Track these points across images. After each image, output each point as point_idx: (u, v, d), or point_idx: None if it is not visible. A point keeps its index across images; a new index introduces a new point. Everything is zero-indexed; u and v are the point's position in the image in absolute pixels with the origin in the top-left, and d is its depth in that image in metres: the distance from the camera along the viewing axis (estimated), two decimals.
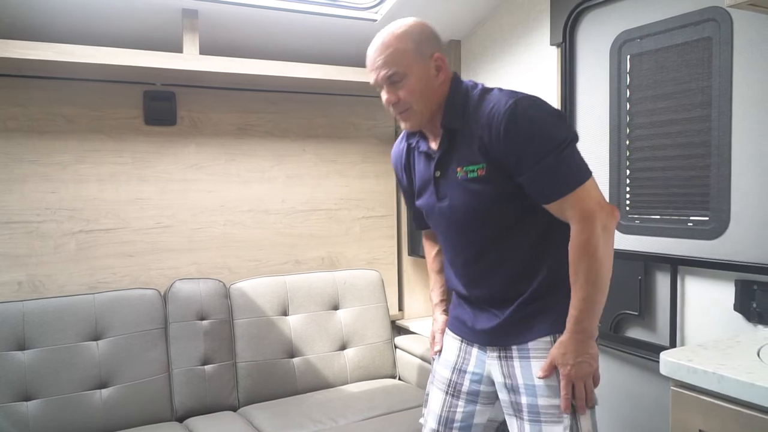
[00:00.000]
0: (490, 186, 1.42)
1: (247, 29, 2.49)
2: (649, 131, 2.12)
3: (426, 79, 1.47)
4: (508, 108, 1.37)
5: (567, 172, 1.36)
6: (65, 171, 2.38)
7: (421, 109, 1.48)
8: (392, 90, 1.47)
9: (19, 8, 2.13)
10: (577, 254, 1.37)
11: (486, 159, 1.41)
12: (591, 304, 1.38)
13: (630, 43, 2.14)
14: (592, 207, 1.36)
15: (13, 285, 2.31)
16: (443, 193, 1.51)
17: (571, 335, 1.39)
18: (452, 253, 1.60)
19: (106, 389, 2.23)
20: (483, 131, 1.40)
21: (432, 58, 1.48)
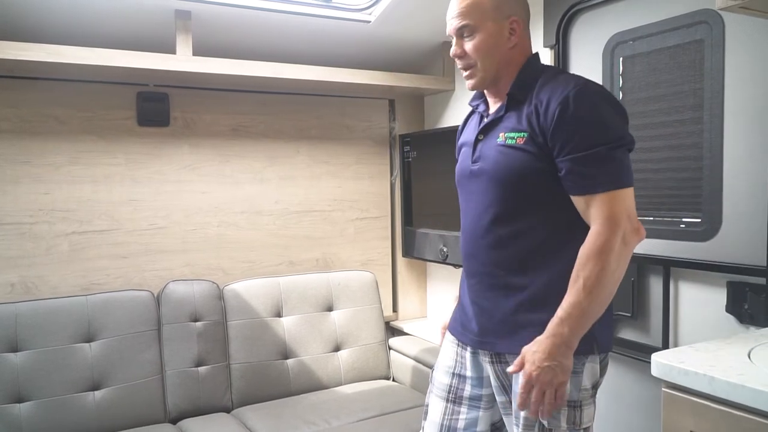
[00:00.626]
0: (525, 156, 1.37)
1: (241, 30, 2.48)
2: (641, 133, 2.12)
3: (497, 39, 1.43)
4: (578, 86, 1.34)
5: (610, 170, 1.31)
6: (58, 172, 2.38)
7: (485, 68, 1.44)
8: (460, 43, 1.45)
9: (11, 9, 2.12)
10: (586, 256, 1.29)
11: (530, 128, 1.37)
12: (579, 312, 1.28)
13: (623, 45, 2.15)
14: (620, 214, 1.29)
15: (6, 286, 2.30)
16: (478, 155, 1.48)
17: (549, 336, 1.29)
18: (468, 225, 1.52)
19: (100, 391, 2.23)
20: (541, 101, 1.36)
21: (508, 19, 1.44)
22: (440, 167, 2.83)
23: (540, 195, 1.39)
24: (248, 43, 2.57)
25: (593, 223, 1.31)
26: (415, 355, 2.69)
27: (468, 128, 1.61)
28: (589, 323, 1.30)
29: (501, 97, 1.48)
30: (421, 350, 2.70)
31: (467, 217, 1.54)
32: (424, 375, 2.60)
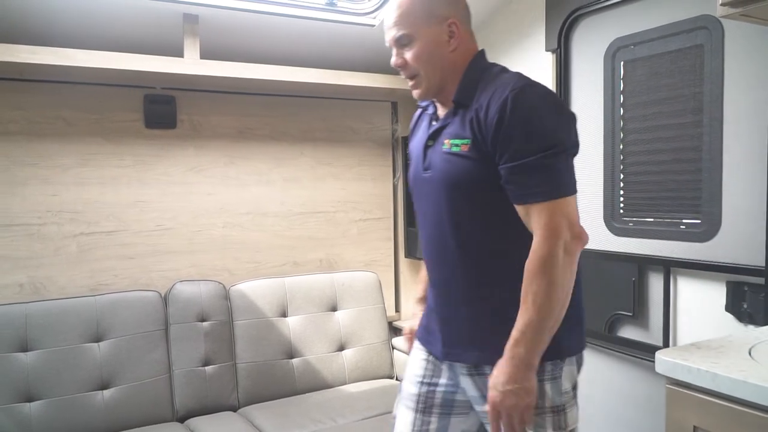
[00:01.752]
0: (469, 164, 1.33)
1: (247, 34, 2.52)
2: (642, 136, 2.16)
3: (435, 45, 1.37)
4: (516, 91, 1.28)
5: (549, 179, 1.26)
6: (66, 174, 2.40)
7: (429, 76, 1.39)
8: (399, 53, 1.40)
9: (21, 12, 2.15)
10: (531, 271, 1.25)
11: (473, 135, 1.32)
12: (532, 330, 1.24)
13: (624, 50, 2.19)
14: (559, 224, 1.25)
15: (15, 287, 2.33)
16: (428, 163, 1.43)
17: (507, 360, 1.26)
18: (426, 234, 1.48)
19: (108, 390, 2.25)
20: (481, 107, 1.31)
21: (446, 22, 1.37)
22: None
23: (491, 203, 1.34)
24: (254, 46, 2.60)
25: (534, 234, 1.28)
26: None
27: (418, 131, 1.55)
28: (546, 339, 1.27)
29: (449, 103, 1.43)
30: None
31: (425, 224, 1.48)
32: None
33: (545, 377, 1.34)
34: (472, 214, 1.36)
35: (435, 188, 1.40)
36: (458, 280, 1.41)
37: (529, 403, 1.26)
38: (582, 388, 2.34)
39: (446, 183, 1.37)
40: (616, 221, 2.23)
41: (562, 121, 1.33)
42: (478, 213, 1.36)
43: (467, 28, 1.42)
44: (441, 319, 1.46)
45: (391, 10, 1.39)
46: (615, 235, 2.23)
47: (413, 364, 1.56)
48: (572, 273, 1.29)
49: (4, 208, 2.31)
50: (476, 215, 1.36)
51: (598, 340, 2.28)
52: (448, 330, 1.44)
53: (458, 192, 1.36)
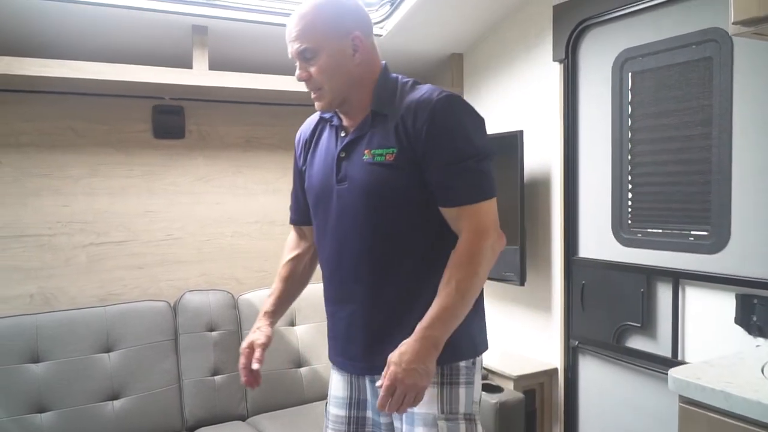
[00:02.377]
0: (395, 173, 1.33)
1: (255, 44, 2.52)
2: (650, 147, 2.17)
3: (340, 59, 1.36)
4: (441, 99, 1.32)
5: (478, 182, 1.32)
6: (77, 185, 2.41)
7: (333, 90, 1.37)
8: (304, 66, 1.37)
9: (32, 26, 2.16)
10: (459, 261, 1.29)
11: (399, 144, 1.33)
12: (450, 315, 1.27)
13: (632, 61, 2.20)
14: (489, 224, 1.31)
15: (26, 298, 2.34)
16: (344, 174, 1.40)
17: (418, 339, 1.25)
18: (337, 248, 1.43)
19: (118, 400, 2.26)
20: (407, 115, 1.33)
21: (349, 36, 1.36)
22: None
23: (416, 210, 1.36)
24: (262, 56, 2.60)
25: (463, 233, 1.31)
26: None
27: (323, 143, 1.49)
28: (456, 325, 1.29)
29: (355, 115, 1.42)
30: None
31: (332, 237, 1.44)
32: None
33: (460, 380, 1.37)
34: (397, 222, 1.36)
35: (353, 200, 1.38)
36: (379, 292, 1.38)
37: (425, 386, 1.25)
38: (589, 397, 2.36)
39: (368, 193, 1.36)
40: (624, 232, 2.24)
41: (483, 129, 1.39)
42: (403, 221, 1.36)
43: (371, 40, 1.42)
44: (362, 335, 1.42)
45: (294, 23, 1.36)
46: (623, 245, 2.24)
47: (336, 386, 1.52)
48: (490, 268, 1.33)
49: (16, 218, 2.32)
50: (401, 223, 1.36)
51: (607, 351, 2.29)
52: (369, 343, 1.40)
53: (382, 201, 1.35)
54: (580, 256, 2.40)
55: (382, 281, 1.38)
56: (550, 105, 2.48)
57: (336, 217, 1.42)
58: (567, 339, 2.44)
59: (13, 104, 2.30)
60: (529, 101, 2.59)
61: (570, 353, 2.44)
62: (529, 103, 2.60)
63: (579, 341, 2.40)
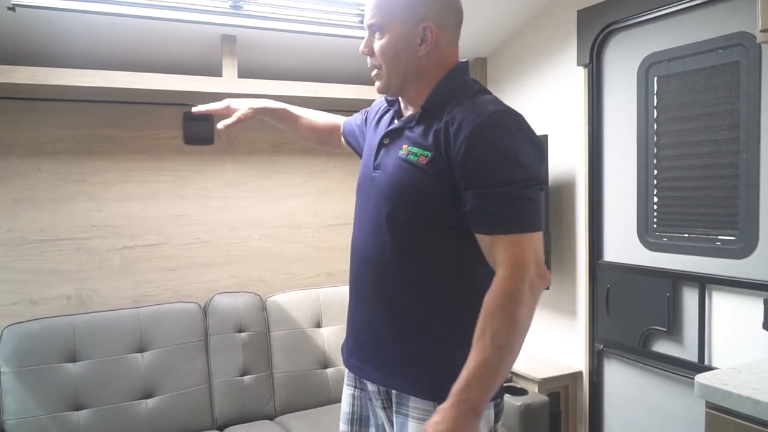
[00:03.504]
0: (424, 178, 1.23)
1: (283, 52, 2.57)
2: (676, 152, 2.17)
3: (404, 45, 1.26)
4: (496, 113, 1.20)
5: (521, 211, 1.17)
6: (110, 190, 2.49)
7: (390, 74, 1.29)
8: (369, 40, 1.30)
9: (68, 37, 2.23)
10: (493, 306, 1.13)
11: (435, 149, 1.22)
12: (489, 373, 1.11)
13: (657, 65, 2.20)
14: (528, 259, 1.15)
15: (63, 299, 2.42)
16: (380, 162, 1.33)
17: (454, 404, 1.10)
18: (360, 233, 1.36)
19: (152, 399, 2.32)
20: (451, 122, 1.21)
21: (420, 24, 1.25)
22: None
23: (435, 222, 1.24)
24: (289, 64, 2.65)
25: (499, 267, 1.16)
26: None
27: (380, 125, 1.42)
28: (499, 383, 1.16)
29: (412, 106, 1.34)
30: None
31: (361, 225, 1.37)
32: None
33: None
34: (411, 230, 1.26)
35: (379, 192, 1.30)
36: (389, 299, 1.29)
37: None
38: (614, 401, 2.36)
39: (393, 190, 1.27)
40: (649, 236, 2.24)
41: (538, 153, 1.24)
42: (417, 230, 1.26)
43: (449, 36, 1.31)
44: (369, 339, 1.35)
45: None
46: (648, 249, 2.24)
47: (344, 400, 1.47)
48: (533, 313, 1.17)
49: (53, 223, 2.40)
50: (415, 232, 1.26)
51: (632, 355, 2.29)
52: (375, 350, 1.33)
53: (403, 203, 1.26)
54: (605, 260, 2.40)
55: (389, 288, 1.28)
56: (575, 109, 2.48)
57: (365, 203, 1.36)
58: (592, 342, 2.45)
59: (50, 113, 2.38)
60: (553, 105, 2.60)
61: (595, 357, 2.45)
62: (553, 107, 2.60)
63: (604, 345, 2.41)
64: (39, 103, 2.36)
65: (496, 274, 1.16)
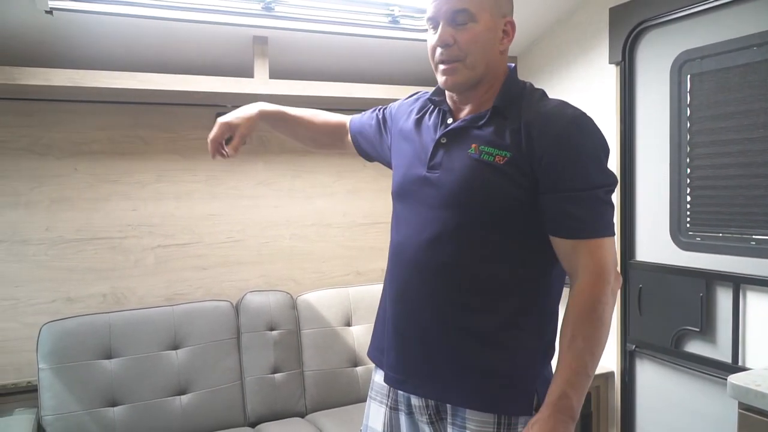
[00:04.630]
0: (501, 178, 1.18)
1: (313, 53, 2.59)
2: (710, 150, 2.14)
3: (491, 36, 1.23)
4: (578, 116, 1.20)
5: (603, 216, 1.17)
6: (144, 190, 2.54)
7: (474, 66, 1.22)
8: (450, 30, 1.21)
9: (104, 40, 2.28)
10: (583, 313, 1.13)
11: (515, 149, 1.18)
12: (585, 378, 1.13)
13: (691, 63, 2.17)
14: (609, 264, 1.16)
15: (99, 297, 2.47)
16: (438, 162, 1.26)
17: (554, 413, 1.10)
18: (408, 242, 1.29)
19: (185, 396, 2.37)
20: (534, 123, 1.18)
21: (504, 18, 1.25)
22: None
23: (507, 225, 1.21)
24: (320, 64, 2.68)
25: (581, 273, 1.16)
26: None
27: (422, 126, 1.35)
28: (589, 385, 1.15)
29: (474, 105, 1.28)
30: None
31: (410, 234, 1.29)
32: None
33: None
34: (478, 231, 1.21)
35: (442, 194, 1.24)
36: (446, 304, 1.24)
37: None
38: (646, 402, 2.34)
39: (463, 192, 1.21)
40: (682, 235, 2.22)
41: (608, 155, 1.24)
42: (484, 231, 1.21)
43: None
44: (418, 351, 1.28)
45: None
46: (682, 249, 2.21)
47: (373, 418, 1.40)
48: (612, 315, 1.19)
49: (89, 222, 2.45)
50: (481, 233, 1.21)
51: (665, 355, 2.27)
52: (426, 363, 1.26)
53: (474, 204, 1.21)
54: (638, 259, 2.38)
55: (446, 293, 1.23)
56: (607, 108, 2.47)
57: (418, 206, 1.27)
58: (624, 343, 2.43)
59: (87, 114, 2.43)
60: (584, 104, 2.55)
61: (627, 357, 2.43)
62: (584, 105, 2.53)
63: (636, 345, 2.39)
64: (75, 105, 2.42)
65: (578, 279, 1.16)
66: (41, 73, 2.12)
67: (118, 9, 2.12)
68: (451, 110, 1.32)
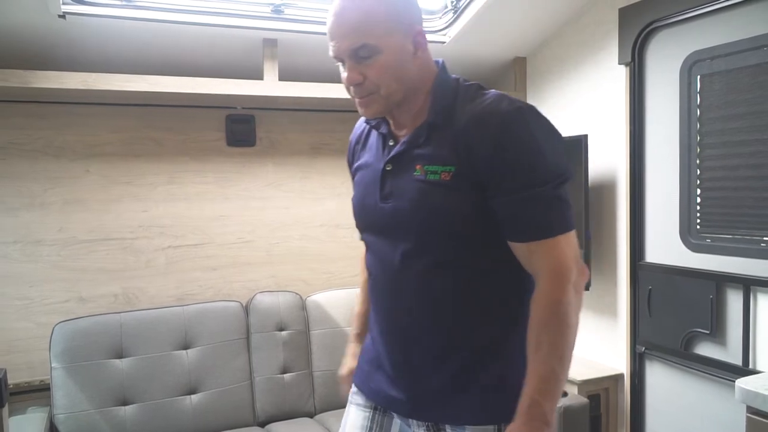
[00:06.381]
0: (451, 195, 1.13)
1: (322, 55, 2.57)
2: (720, 151, 2.13)
3: (402, 58, 1.15)
4: (513, 110, 1.11)
5: (556, 213, 1.12)
6: (155, 191, 2.56)
7: (389, 95, 1.16)
8: (357, 67, 1.15)
9: (117, 44, 2.31)
10: (545, 317, 1.09)
11: (458, 161, 1.13)
12: (555, 383, 1.09)
13: (701, 64, 2.16)
14: (569, 261, 1.11)
15: (110, 297, 2.50)
16: (389, 191, 1.21)
17: (527, 422, 1.07)
18: (382, 273, 1.25)
19: (196, 395, 2.38)
20: (471, 128, 1.12)
21: (413, 31, 1.17)
22: None
23: (469, 240, 1.16)
24: (328, 65, 2.66)
25: (540, 274, 1.12)
26: None
27: (366, 151, 1.32)
28: (563, 387, 1.12)
29: (408, 122, 1.22)
30: None
31: (381, 264, 1.25)
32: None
33: None
34: (446, 251, 1.16)
35: (399, 223, 1.19)
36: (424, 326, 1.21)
37: None
38: (656, 404, 2.33)
39: (418, 215, 1.17)
40: (692, 237, 2.21)
41: (561, 145, 1.17)
42: (452, 250, 1.16)
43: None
44: (400, 371, 1.25)
45: (347, 15, 1.14)
46: (691, 251, 2.20)
47: (352, 421, 1.36)
48: (580, 310, 1.14)
49: (101, 224, 2.48)
50: (450, 253, 1.16)
51: (674, 357, 2.26)
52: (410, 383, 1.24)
53: (433, 226, 1.16)
54: (647, 261, 2.37)
55: (422, 316, 1.19)
56: (616, 108, 2.46)
57: (379, 238, 1.24)
58: (633, 344, 2.42)
59: (99, 117, 2.46)
60: (594, 104, 2.58)
61: (636, 359, 2.42)
62: (593, 106, 2.58)
63: (645, 347, 2.38)
64: (88, 107, 2.45)
65: (539, 282, 1.12)
66: (54, 77, 2.15)
67: (130, 13, 2.15)
68: (390, 131, 1.26)
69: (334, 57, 1.18)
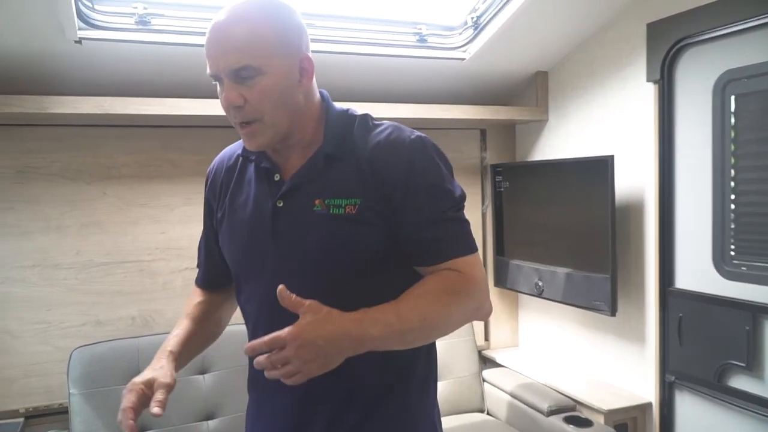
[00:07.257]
0: (358, 229, 1.08)
1: (340, 73, 2.55)
2: (756, 175, 2.04)
3: (286, 83, 1.08)
4: (416, 141, 1.12)
5: (465, 233, 1.14)
6: (172, 213, 2.53)
7: (275, 124, 1.08)
8: (237, 88, 1.06)
9: (131, 67, 2.28)
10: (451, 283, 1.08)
11: (365, 194, 1.08)
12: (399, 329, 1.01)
13: (735, 83, 2.06)
14: (481, 277, 1.12)
15: (128, 320, 2.48)
16: (282, 230, 1.12)
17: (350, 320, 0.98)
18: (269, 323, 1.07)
19: (213, 420, 2.35)
20: (378, 157, 1.10)
21: (299, 56, 1.09)
22: (534, 198, 2.81)
23: (379, 273, 1.11)
24: (346, 84, 2.64)
25: None
26: (511, 391, 2.68)
27: (245, 188, 1.21)
28: (395, 346, 1.05)
29: (296, 154, 1.15)
30: (516, 385, 2.69)
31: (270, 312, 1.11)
32: (519, 410, 2.59)
33: None
34: (355, 289, 1.09)
35: (297, 263, 1.11)
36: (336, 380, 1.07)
37: (312, 373, 0.96)
38: None
39: (321, 253, 1.10)
40: (726, 265, 2.11)
41: (451, 169, 1.18)
42: (363, 287, 1.10)
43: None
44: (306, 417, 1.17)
45: (230, 32, 1.05)
46: (725, 278, 2.11)
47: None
48: (459, 326, 1.12)
49: (118, 246, 2.46)
50: (362, 290, 1.09)
51: (707, 389, 2.17)
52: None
53: (338, 264, 1.10)
54: (677, 287, 2.28)
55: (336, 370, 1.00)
56: (644, 128, 2.37)
57: (272, 284, 1.02)
58: (663, 373, 2.33)
59: (116, 139, 2.44)
60: (620, 123, 2.49)
61: (666, 388, 2.32)
62: (620, 125, 2.49)
63: (676, 377, 2.28)
64: (105, 129, 2.43)
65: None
66: (70, 102, 2.13)
67: (145, 37, 2.12)
68: (274, 164, 1.17)
69: (210, 75, 1.10)
